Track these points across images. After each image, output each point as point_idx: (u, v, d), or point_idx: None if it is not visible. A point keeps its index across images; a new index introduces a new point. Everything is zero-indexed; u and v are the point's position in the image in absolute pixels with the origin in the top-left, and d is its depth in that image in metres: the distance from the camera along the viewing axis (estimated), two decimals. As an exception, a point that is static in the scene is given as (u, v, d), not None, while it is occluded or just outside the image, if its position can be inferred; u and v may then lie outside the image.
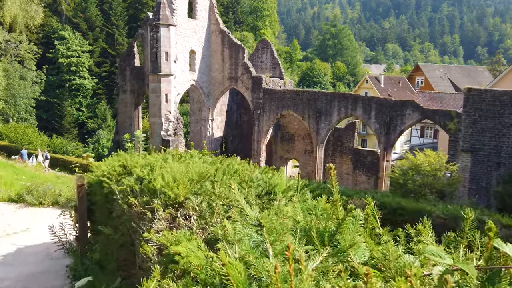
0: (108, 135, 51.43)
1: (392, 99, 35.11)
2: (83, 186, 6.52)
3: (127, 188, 4.90)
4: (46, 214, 9.42)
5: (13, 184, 12.59)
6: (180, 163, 5.58)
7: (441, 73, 76.21)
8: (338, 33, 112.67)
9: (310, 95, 38.07)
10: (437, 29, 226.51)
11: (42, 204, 10.38)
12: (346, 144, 40.59)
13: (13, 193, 10.91)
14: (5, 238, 7.93)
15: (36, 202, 10.33)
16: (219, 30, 41.43)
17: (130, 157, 6.36)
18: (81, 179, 6.55)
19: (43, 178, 16.81)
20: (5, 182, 12.73)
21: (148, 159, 5.97)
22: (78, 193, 6.42)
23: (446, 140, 39.00)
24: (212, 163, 5.70)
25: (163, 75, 32.27)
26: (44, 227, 6.92)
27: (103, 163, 6.62)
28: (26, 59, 48.54)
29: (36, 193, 10.47)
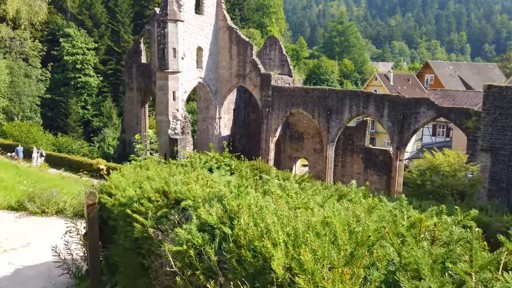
0: (113, 134, 50.70)
1: (406, 97, 34.07)
2: (94, 205, 5.29)
3: (189, 250, 2.82)
4: (50, 225, 8.57)
5: (14, 189, 11.62)
6: (272, 196, 3.59)
7: (451, 70, 74.97)
8: (345, 30, 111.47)
9: (320, 92, 37.12)
10: (444, 26, 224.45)
11: (45, 213, 9.43)
12: (357, 143, 39.61)
13: (13, 199, 9.97)
14: (1, 256, 7.02)
15: (38, 210, 9.38)
16: (227, 27, 40.52)
17: (162, 170, 5.15)
18: (92, 197, 5.31)
19: (48, 180, 15.96)
20: (5, 185, 11.80)
21: (195, 177, 4.48)
22: (88, 214, 5.23)
23: (461, 139, 37.95)
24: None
25: (170, 72, 31.41)
26: (47, 242, 6.08)
27: (127, 182, 5.20)
28: (30, 57, 47.87)
29: (39, 201, 9.50)
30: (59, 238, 5.97)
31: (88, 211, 5.17)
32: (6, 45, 46.43)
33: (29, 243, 7.55)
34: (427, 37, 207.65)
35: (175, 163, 6.70)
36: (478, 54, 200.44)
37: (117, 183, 5.23)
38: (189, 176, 4.64)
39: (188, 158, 7.87)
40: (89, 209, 5.18)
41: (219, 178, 4.55)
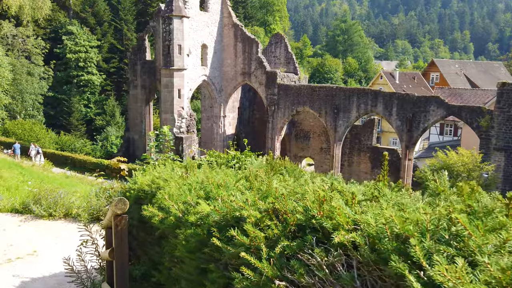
0: (117, 132, 50.18)
1: (415, 95, 33.43)
2: (124, 217, 4.06)
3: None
4: (58, 230, 7.93)
5: (18, 189, 10.97)
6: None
7: (457, 69, 74.29)
8: (348, 28, 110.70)
9: (327, 90, 36.51)
10: (447, 25, 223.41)
11: (52, 216, 8.72)
12: (364, 142, 38.99)
13: (17, 201, 9.23)
14: (5, 266, 6.29)
15: (45, 213, 8.66)
16: (232, 24, 39.95)
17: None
18: (121, 205, 4.00)
19: (52, 179, 15.38)
20: (9, 186, 11.13)
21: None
22: (116, 226, 4.04)
23: (470, 138, 37.32)
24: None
25: (175, 69, 30.82)
26: (55, 250, 5.51)
27: (189, 191, 3.91)
28: (33, 54, 47.35)
29: (45, 203, 8.79)
30: (68, 245, 5.39)
31: (116, 222, 4.03)
32: (9, 42, 45.91)
33: (35, 251, 6.85)
34: (430, 36, 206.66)
35: (199, 163, 6.05)
36: (481, 53, 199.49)
37: (171, 192, 3.98)
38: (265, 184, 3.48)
39: (204, 157, 7.30)
40: (117, 220, 4.03)
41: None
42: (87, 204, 8.37)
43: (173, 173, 4.95)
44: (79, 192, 10.84)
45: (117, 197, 4.06)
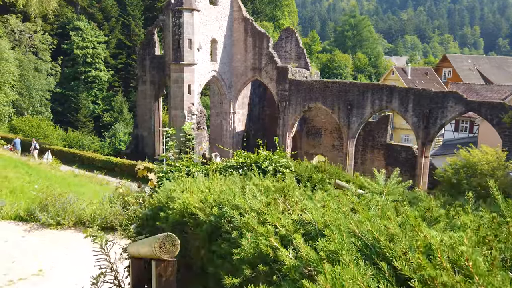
0: (124, 129, 49.58)
1: (432, 90, 32.35)
2: (172, 264, 2.81)
3: None
4: (67, 242, 7.03)
5: (23, 191, 10.08)
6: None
7: (470, 64, 72.82)
8: (357, 24, 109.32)
9: (340, 86, 35.54)
10: (456, 20, 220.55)
11: (60, 225, 7.72)
12: (378, 139, 37.99)
13: (22, 207, 8.18)
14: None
15: (52, 222, 7.64)
16: (242, 18, 39.03)
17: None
18: (169, 246, 2.74)
19: (60, 179, 14.61)
20: (14, 188, 10.14)
21: None
22: (159, 276, 2.77)
23: (488, 135, 36.15)
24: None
25: (186, 64, 29.99)
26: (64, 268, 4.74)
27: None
28: (40, 50, 46.79)
29: (53, 210, 7.78)
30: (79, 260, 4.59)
31: (160, 270, 2.75)
32: (16, 38, 45.38)
33: (41, 270, 5.89)
34: (440, 32, 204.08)
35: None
36: (492, 48, 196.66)
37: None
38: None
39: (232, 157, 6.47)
40: (161, 267, 2.75)
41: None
42: (100, 211, 7.47)
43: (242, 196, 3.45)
44: (90, 195, 9.97)
45: (162, 235, 2.64)
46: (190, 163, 6.76)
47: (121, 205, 6.84)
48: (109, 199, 7.21)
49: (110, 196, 7.34)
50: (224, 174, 5.32)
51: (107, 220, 6.77)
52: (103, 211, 6.97)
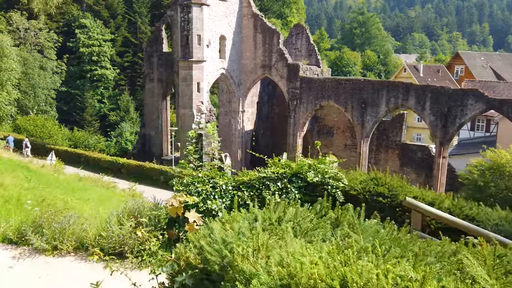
0: (131, 128, 48.64)
1: (451, 88, 31.04)
2: None
3: None
4: (66, 275, 5.65)
5: (20, 201, 8.75)
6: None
7: (482, 61, 71.24)
8: (366, 21, 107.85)
9: (354, 84, 34.30)
10: (465, 17, 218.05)
11: (57, 250, 6.26)
12: (393, 138, 36.72)
13: (12, 227, 6.67)
14: None
15: (47, 247, 6.22)
16: (251, 14, 37.88)
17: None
18: None
19: (64, 183, 13.46)
20: (9, 197, 8.54)
21: None
22: None
23: (508, 134, 34.78)
24: None
25: (195, 61, 28.88)
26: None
27: None
28: (46, 48, 45.94)
29: (49, 232, 6.31)
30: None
31: None
32: (21, 36, 44.56)
33: None
34: (448, 29, 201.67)
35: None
36: (501, 45, 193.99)
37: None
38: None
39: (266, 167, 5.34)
40: None
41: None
42: (106, 233, 6.01)
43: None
44: (95, 201, 8.72)
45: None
46: (215, 173, 5.66)
47: (132, 226, 5.89)
48: (117, 217, 6.01)
49: (118, 213, 6.13)
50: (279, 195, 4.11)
51: (115, 245, 5.71)
52: (109, 233, 5.79)
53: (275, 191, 5.10)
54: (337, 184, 4.83)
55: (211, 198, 5.36)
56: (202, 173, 5.68)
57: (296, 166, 5.27)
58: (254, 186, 5.32)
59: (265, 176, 5.27)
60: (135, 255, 5.20)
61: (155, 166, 26.18)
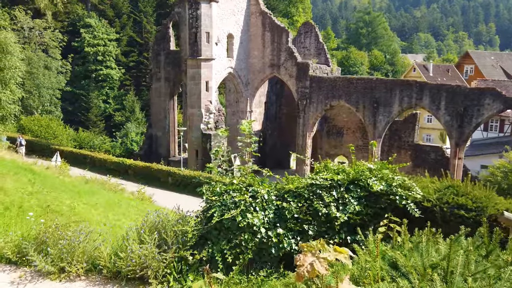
0: (136, 129, 47.90)
1: (467, 87, 30.08)
2: None
3: None
4: None
5: (22, 208, 7.74)
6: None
7: (492, 61, 70.10)
8: (372, 21, 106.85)
9: (366, 83, 33.42)
10: (471, 17, 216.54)
11: (65, 273, 5.13)
12: (405, 139, 35.81)
13: (10, 243, 5.45)
14: None
15: (53, 269, 5.11)
16: (260, 11, 37.07)
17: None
18: None
19: (69, 186, 12.58)
20: (10, 203, 7.77)
21: None
22: None
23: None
24: None
25: (203, 59, 28.06)
26: None
27: None
28: (50, 48, 45.24)
29: (55, 251, 5.18)
30: None
31: None
32: (25, 35, 43.89)
33: None
34: (454, 29, 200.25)
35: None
36: (507, 46, 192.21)
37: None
38: None
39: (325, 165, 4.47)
40: None
41: None
42: (125, 253, 4.91)
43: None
44: (103, 205, 7.67)
45: None
46: (253, 180, 4.81)
47: (154, 244, 4.82)
48: (138, 233, 5.07)
49: (137, 228, 5.18)
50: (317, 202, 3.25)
51: (135, 267, 4.74)
52: (129, 253, 4.79)
53: (329, 202, 4.26)
54: (407, 194, 3.98)
55: (251, 211, 4.51)
56: (237, 179, 4.83)
57: (354, 171, 4.43)
58: (303, 196, 4.48)
59: (315, 183, 4.42)
60: (160, 280, 4.33)
61: (163, 168, 25.37)
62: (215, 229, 4.59)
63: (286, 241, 4.33)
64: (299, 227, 4.43)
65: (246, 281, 4.07)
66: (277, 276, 4.12)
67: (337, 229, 4.21)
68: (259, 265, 4.34)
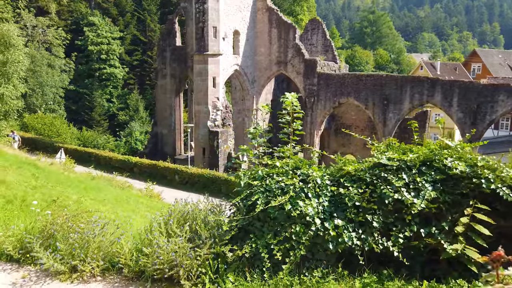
0: (141, 128, 47.30)
1: (481, 83, 29.32)
2: None
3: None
4: None
5: (25, 201, 7.06)
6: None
7: (500, 59, 69.27)
8: (376, 20, 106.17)
9: (376, 79, 32.69)
10: (475, 17, 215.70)
11: (77, 273, 4.29)
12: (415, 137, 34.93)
13: (11, 237, 4.63)
14: None
15: (63, 268, 4.26)
16: (266, 7, 36.40)
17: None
18: None
19: (75, 182, 11.90)
20: (13, 196, 7.14)
21: None
22: None
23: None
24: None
25: (210, 54, 27.38)
26: None
27: None
28: (54, 46, 44.72)
29: (65, 246, 4.33)
30: None
31: None
32: (29, 33, 43.37)
33: None
34: (458, 29, 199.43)
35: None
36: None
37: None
38: None
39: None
40: None
41: None
42: (150, 249, 4.05)
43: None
44: (111, 202, 6.94)
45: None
46: (300, 161, 4.09)
47: (185, 238, 4.01)
48: (164, 225, 4.20)
49: (164, 218, 4.49)
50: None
51: (163, 266, 3.89)
52: (155, 249, 3.98)
53: (399, 187, 3.57)
54: (495, 177, 3.27)
55: (302, 197, 3.82)
56: (280, 162, 4.12)
57: (426, 149, 3.72)
58: (364, 180, 3.77)
59: (381, 164, 3.70)
60: (194, 282, 3.57)
61: (170, 165, 24.68)
62: (258, 219, 3.91)
63: (346, 235, 3.63)
64: (361, 217, 3.74)
65: (298, 283, 3.37)
66: (335, 277, 3.43)
67: (408, 220, 3.52)
68: (313, 263, 3.65)
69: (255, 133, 4.86)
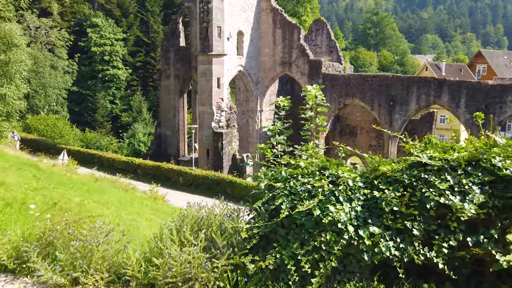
0: (144, 129, 47.01)
1: (489, 83, 28.90)
2: None
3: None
4: None
5: (26, 203, 6.64)
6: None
7: (505, 60, 68.84)
8: (380, 21, 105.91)
9: (381, 80, 32.32)
10: (479, 18, 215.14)
11: (78, 286, 3.82)
12: (422, 138, 34.43)
13: (6, 245, 4.17)
14: None
15: (63, 280, 3.79)
16: (270, 8, 36.10)
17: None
18: None
19: (78, 184, 11.56)
20: (12, 199, 6.77)
21: None
22: None
23: (548, 133, 32.50)
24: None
25: (215, 54, 27.06)
26: None
27: None
28: (57, 47, 44.56)
29: (65, 256, 3.87)
30: None
31: None
32: (32, 34, 43.24)
33: None
34: (462, 30, 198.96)
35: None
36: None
37: None
38: None
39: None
40: None
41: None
42: (162, 259, 3.59)
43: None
44: (115, 204, 6.54)
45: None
46: (327, 161, 3.72)
47: (200, 247, 3.56)
48: (177, 232, 3.72)
49: (176, 224, 3.82)
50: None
51: (176, 279, 3.46)
52: (167, 259, 3.53)
53: (444, 190, 3.22)
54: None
55: (332, 201, 3.39)
56: (304, 162, 3.72)
57: (471, 149, 3.34)
58: (402, 182, 3.38)
59: (420, 164, 3.30)
60: None
61: (174, 167, 24.36)
62: (282, 226, 3.47)
63: (383, 244, 3.19)
64: (399, 224, 3.28)
65: (328, 299, 2.98)
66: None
67: (453, 227, 3.11)
68: (345, 276, 3.24)
69: (274, 130, 4.44)
